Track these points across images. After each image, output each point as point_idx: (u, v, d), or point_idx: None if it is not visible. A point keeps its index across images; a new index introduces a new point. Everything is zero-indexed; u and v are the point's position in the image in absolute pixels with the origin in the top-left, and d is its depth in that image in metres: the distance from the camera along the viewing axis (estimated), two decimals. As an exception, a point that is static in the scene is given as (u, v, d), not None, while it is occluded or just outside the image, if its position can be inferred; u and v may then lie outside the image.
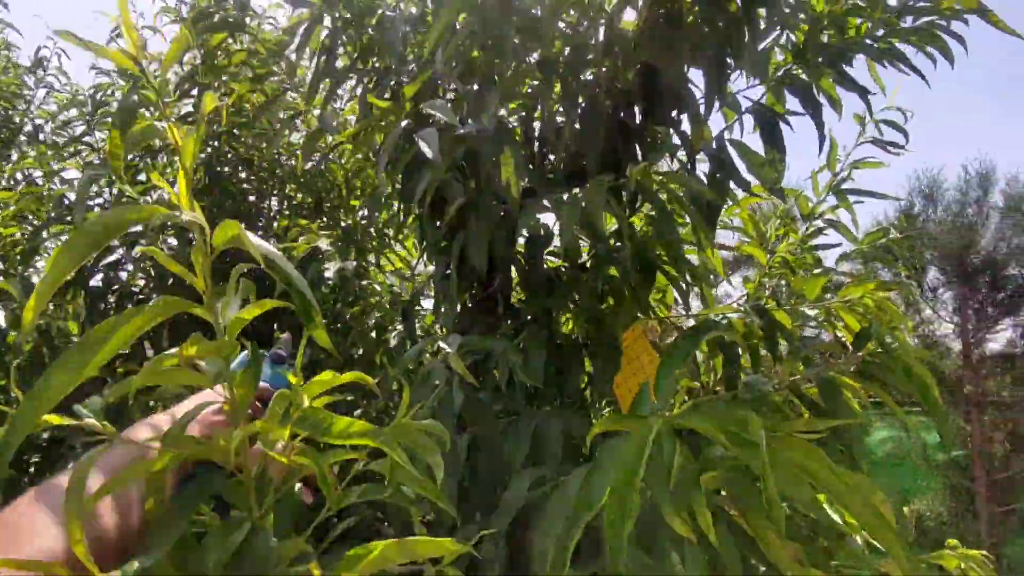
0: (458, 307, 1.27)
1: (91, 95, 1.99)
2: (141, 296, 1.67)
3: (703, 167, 1.36)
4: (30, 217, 1.72)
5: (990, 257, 7.63)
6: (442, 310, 1.29)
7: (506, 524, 0.75)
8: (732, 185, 1.30)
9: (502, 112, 1.23)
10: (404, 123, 1.08)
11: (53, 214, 1.67)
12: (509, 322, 1.44)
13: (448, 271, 1.37)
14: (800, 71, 1.36)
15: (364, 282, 1.79)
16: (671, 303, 1.55)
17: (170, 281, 1.64)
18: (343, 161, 1.91)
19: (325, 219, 2.08)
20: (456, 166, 1.23)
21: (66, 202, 1.74)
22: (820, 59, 1.34)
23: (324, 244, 1.72)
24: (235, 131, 1.93)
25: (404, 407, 0.56)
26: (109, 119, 1.91)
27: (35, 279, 1.60)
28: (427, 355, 1.41)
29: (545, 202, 1.13)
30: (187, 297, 0.47)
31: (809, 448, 0.49)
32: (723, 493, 0.61)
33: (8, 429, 0.42)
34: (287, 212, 2.11)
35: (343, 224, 2.08)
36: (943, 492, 7.25)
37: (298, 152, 1.66)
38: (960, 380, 7.47)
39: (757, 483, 0.55)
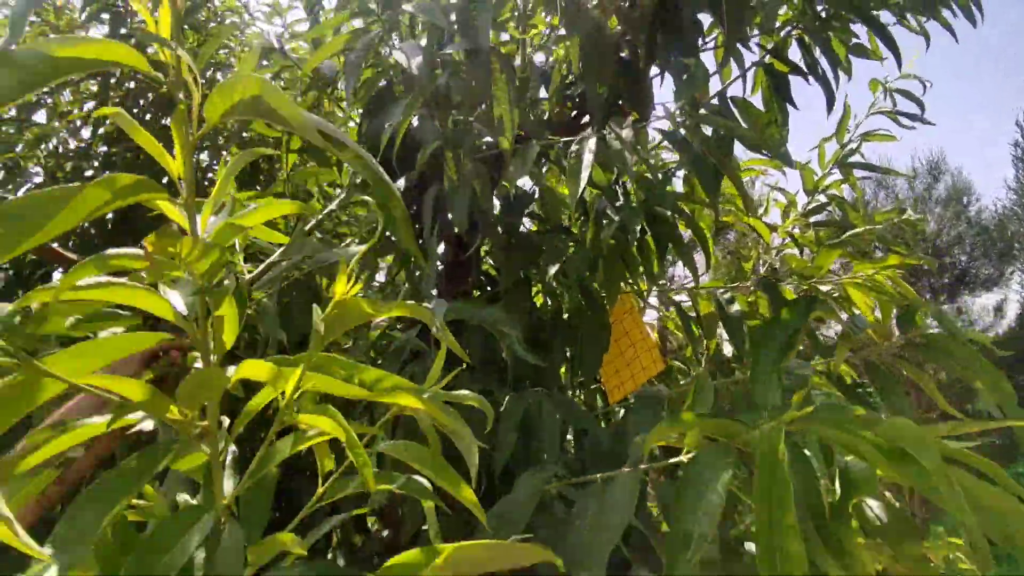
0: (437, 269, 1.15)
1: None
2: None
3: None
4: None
5: (934, 244, 8.35)
6: (417, 274, 1.17)
7: (518, 532, 0.65)
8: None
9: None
10: (373, 33, 0.95)
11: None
12: (480, 292, 1.33)
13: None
14: (807, 26, 1.31)
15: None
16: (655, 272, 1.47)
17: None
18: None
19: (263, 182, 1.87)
20: (426, 102, 1.11)
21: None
22: (832, 12, 1.30)
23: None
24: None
25: (437, 369, 0.45)
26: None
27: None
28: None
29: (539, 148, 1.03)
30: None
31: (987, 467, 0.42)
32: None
33: None
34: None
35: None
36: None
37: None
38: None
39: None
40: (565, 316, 1.24)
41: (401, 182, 1.18)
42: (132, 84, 1.67)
